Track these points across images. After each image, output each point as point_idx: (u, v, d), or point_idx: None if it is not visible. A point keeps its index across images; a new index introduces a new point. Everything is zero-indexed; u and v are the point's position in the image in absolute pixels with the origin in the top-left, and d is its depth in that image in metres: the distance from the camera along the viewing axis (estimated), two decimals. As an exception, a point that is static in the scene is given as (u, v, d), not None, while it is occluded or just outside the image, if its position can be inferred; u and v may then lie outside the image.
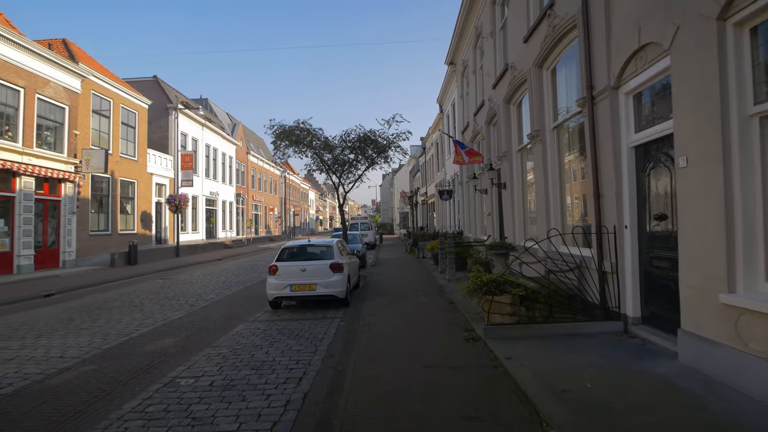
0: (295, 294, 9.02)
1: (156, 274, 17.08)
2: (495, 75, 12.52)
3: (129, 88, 23.30)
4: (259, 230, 47.50)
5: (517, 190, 11.16)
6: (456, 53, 19.05)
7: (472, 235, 16.95)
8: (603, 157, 6.30)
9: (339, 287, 9.09)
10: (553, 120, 8.68)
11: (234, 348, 6.51)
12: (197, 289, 12.66)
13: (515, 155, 11.24)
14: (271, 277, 9.21)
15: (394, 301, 9.58)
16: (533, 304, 6.20)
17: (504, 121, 11.59)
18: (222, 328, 7.90)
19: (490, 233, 13.80)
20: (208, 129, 33.26)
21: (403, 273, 14.93)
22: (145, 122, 24.55)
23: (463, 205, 19.16)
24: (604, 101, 6.22)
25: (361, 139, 15.20)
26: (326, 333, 7.20)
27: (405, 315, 8.07)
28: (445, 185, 23.53)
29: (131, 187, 23.39)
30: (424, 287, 11.32)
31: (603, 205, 6.34)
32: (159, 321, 8.54)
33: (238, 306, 9.99)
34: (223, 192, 36.49)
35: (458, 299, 8.89)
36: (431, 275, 13.50)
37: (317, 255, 9.64)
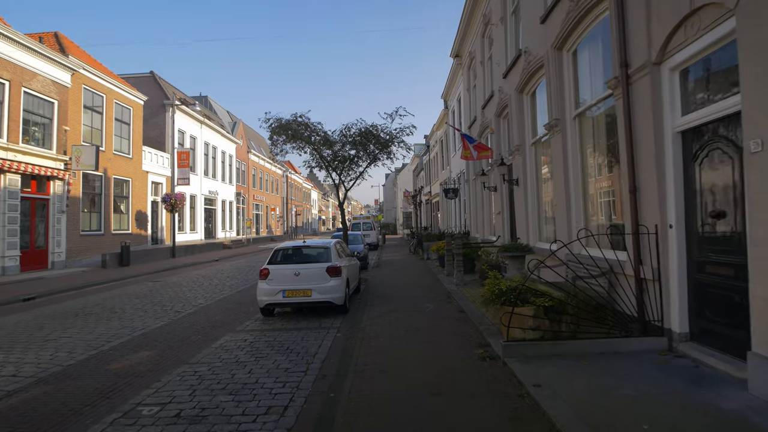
0: (288, 300, 8.17)
1: (148, 276, 16.27)
2: (506, 63, 11.64)
3: (123, 83, 22.53)
4: (260, 230, 46.74)
5: (531, 187, 10.27)
6: (462, 45, 18.17)
7: (480, 236, 16.07)
8: (640, 145, 5.42)
9: (336, 293, 8.23)
10: (575, 107, 7.79)
11: (214, 365, 5.66)
12: (187, 292, 11.83)
13: (529, 149, 10.36)
14: (261, 281, 8.37)
15: (398, 308, 8.71)
16: (559, 316, 5.32)
17: (516, 112, 10.71)
18: (205, 339, 7.06)
19: (500, 233, 12.91)
20: (207, 127, 32.49)
21: (407, 276, 14.06)
22: (140, 119, 23.78)
23: (470, 204, 18.27)
24: (642, 80, 5.33)
25: (362, 134, 14.33)
26: (320, 347, 6.34)
27: (409, 325, 7.20)
28: (450, 183, 22.65)
29: (125, 186, 22.62)
30: (430, 292, 10.44)
31: (641, 202, 5.45)
32: (137, 330, 7.70)
33: (227, 313, 9.15)
34: (222, 191, 35.72)
35: (469, 307, 8.02)
36: (437, 278, 12.62)
37: (313, 257, 8.79)
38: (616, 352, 5.02)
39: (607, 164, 7.00)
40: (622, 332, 5.20)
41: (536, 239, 10.09)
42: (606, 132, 6.96)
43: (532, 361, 4.80)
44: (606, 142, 6.97)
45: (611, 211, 7.00)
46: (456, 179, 21.99)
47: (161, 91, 27.60)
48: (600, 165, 7.28)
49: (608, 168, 6.99)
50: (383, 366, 5.20)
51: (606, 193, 7.17)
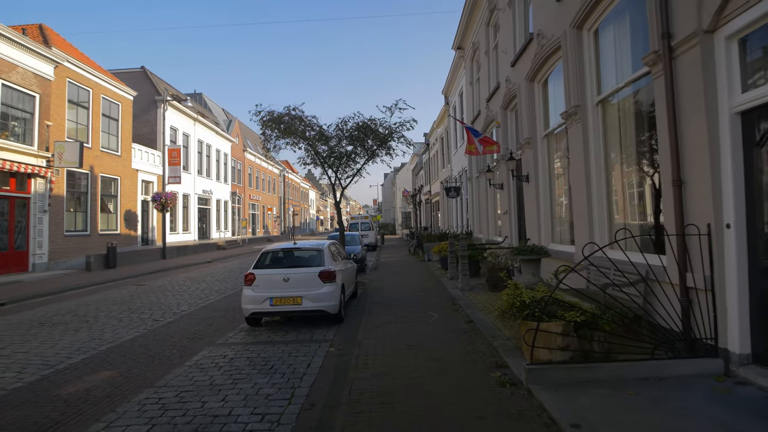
0: (276, 309, 7.31)
1: (133, 279, 15.40)
2: (514, 51, 10.80)
3: (111, 77, 21.63)
4: (257, 230, 45.86)
5: (543, 183, 9.43)
6: (464, 36, 17.33)
7: (484, 236, 15.23)
8: (687, 129, 4.58)
9: (330, 300, 7.38)
10: (597, 93, 6.95)
11: (183, 390, 4.80)
12: (170, 298, 10.96)
13: (540, 142, 9.52)
14: (247, 288, 7.51)
15: (398, 317, 7.85)
16: (591, 332, 4.48)
17: (526, 102, 9.87)
18: (180, 355, 6.20)
19: (507, 234, 12.07)
20: (201, 124, 31.59)
21: (407, 279, 13.20)
22: (129, 114, 22.89)
23: (473, 203, 17.43)
24: (690, 52, 4.49)
25: (359, 128, 13.48)
26: (309, 365, 5.49)
27: (412, 339, 6.34)
28: (451, 182, 21.81)
29: (114, 184, 21.72)
30: (433, 298, 9.59)
31: (687, 196, 4.62)
32: (105, 343, 6.84)
33: (210, 322, 8.29)
34: (217, 190, 34.83)
35: (477, 316, 7.17)
36: (440, 282, 11.77)
37: (304, 261, 7.94)
38: (662, 377, 4.18)
39: (638, 154, 6.17)
40: (669, 353, 4.36)
41: (549, 240, 9.25)
42: (636, 117, 6.13)
43: (563, 390, 3.95)
44: (636, 128, 6.14)
45: (643, 208, 6.15)
46: (458, 177, 21.15)
47: (152, 86, 26.70)
48: (628, 156, 6.44)
49: (640, 158, 6.15)
50: (382, 394, 4.34)
51: (636, 187, 6.33)
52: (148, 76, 27.01)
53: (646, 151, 5.96)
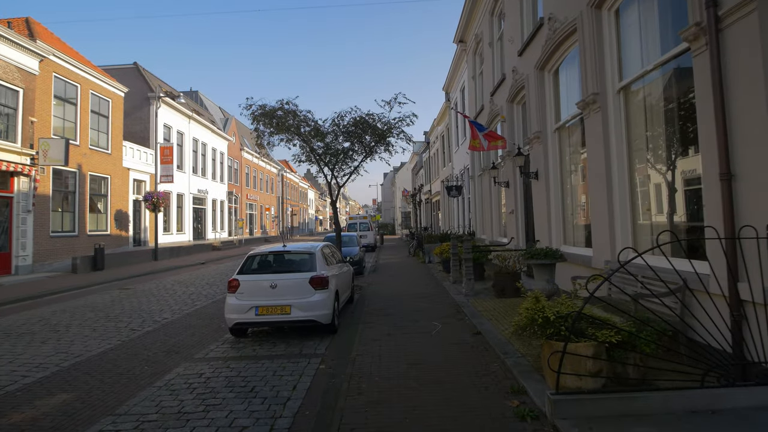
0: (261, 319, 6.60)
1: (120, 282, 14.69)
2: (522, 39, 10.09)
3: (101, 72, 20.91)
4: (254, 231, 45.15)
5: (554, 180, 8.73)
6: (467, 28, 16.62)
7: (488, 237, 14.53)
8: (739, 113, 3.87)
9: (322, 309, 6.67)
10: (619, 79, 6.25)
11: (145, 420, 4.09)
12: (154, 304, 10.25)
13: (551, 136, 8.81)
14: (230, 295, 6.80)
15: (397, 326, 7.14)
16: (624, 353, 3.78)
17: (536, 94, 9.17)
18: (152, 372, 5.50)
19: (513, 235, 11.37)
20: (196, 122, 30.87)
21: (407, 283, 12.48)
22: (120, 111, 22.17)
23: (476, 202, 16.72)
24: (744, 21, 3.78)
25: (357, 124, 12.74)
26: (296, 387, 4.78)
27: (413, 355, 5.63)
28: (452, 180, 21.11)
29: (104, 183, 21.00)
30: (436, 304, 8.88)
31: (738, 192, 3.91)
32: (71, 358, 6.13)
33: (192, 331, 7.59)
34: (213, 190, 34.11)
35: (486, 327, 6.46)
36: (442, 287, 11.06)
37: (294, 265, 7.23)
38: (715, 409, 3.47)
39: (668, 146, 5.46)
40: (721, 379, 3.65)
41: (560, 242, 8.55)
42: (666, 104, 5.42)
43: (598, 425, 3.25)
44: (666, 116, 5.43)
45: (675, 207, 5.45)
46: (459, 176, 20.45)
47: (145, 83, 25.96)
48: (656, 147, 5.73)
49: (670, 150, 5.44)
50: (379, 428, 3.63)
51: (666, 183, 5.63)
52: (140, 73, 26.28)
53: (679, 142, 5.26)
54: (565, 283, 7.13)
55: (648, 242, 5.81)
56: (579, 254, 7.31)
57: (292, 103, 12.25)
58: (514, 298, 8.58)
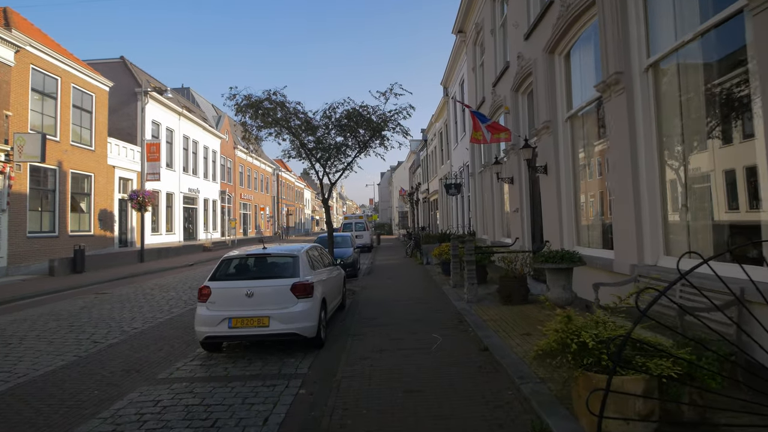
0: (236, 333, 5.74)
1: (98, 285, 13.78)
2: (529, 21, 9.27)
3: (84, 65, 19.97)
4: (248, 231, 44.22)
5: (566, 175, 7.90)
6: (467, 16, 15.78)
7: (489, 237, 13.70)
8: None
9: (305, 321, 5.82)
10: (647, 55, 5.43)
11: (71, 470, 3.23)
12: (127, 311, 9.37)
13: (562, 126, 7.99)
14: (200, 305, 5.94)
15: (392, 340, 6.28)
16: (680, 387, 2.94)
17: (544, 80, 8.34)
18: (100, 399, 4.64)
19: (518, 235, 10.55)
20: (187, 119, 29.95)
21: (404, 286, 11.63)
22: (104, 107, 21.23)
23: (476, 201, 15.90)
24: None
25: (350, 116, 11.88)
26: (267, 421, 3.93)
27: (410, 377, 4.78)
28: (451, 178, 20.28)
29: (87, 182, 20.07)
30: (435, 312, 8.03)
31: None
32: (12, 379, 5.29)
33: (161, 344, 6.73)
34: (205, 189, 33.19)
35: (494, 342, 5.62)
36: (441, 291, 10.21)
37: (274, 270, 6.36)
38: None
39: (710, 130, 4.63)
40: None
41: (573, 243, 7.73)
42: (706, 81, 4.59)
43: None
44: (706, 96, 4.60)
45: (721, 201, 4.62)
46: (458, 173, 19.63)
47: (133, 78, 25.02)
48: (694, 132, 4.90)
49: (715, 135, 4.61)
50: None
51: (704, 175, 4.80)
52: (127, 67, 25.34)
53: (724, 126, 4.43)
54: (582, 291, 6.31)
55: (683, 243, 4.99)
56: (597, 257, 6.48)
57: (280, 94, 11.39)
58: (522, 305, 7.75)
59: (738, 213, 4.37)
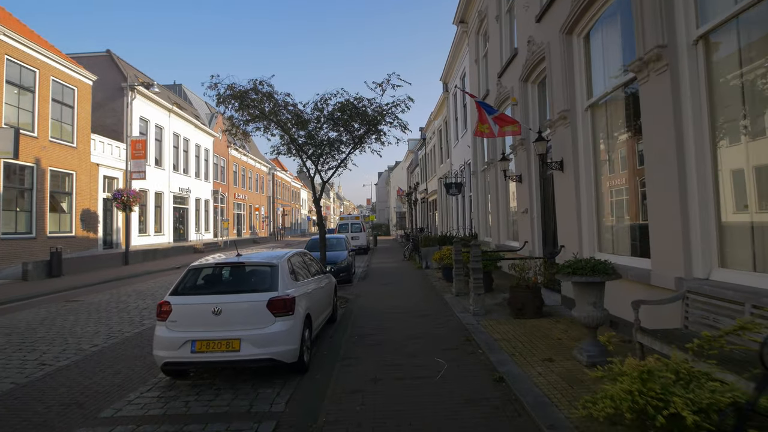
0: (200, 358, 4.77)
1: (72, 291, 12.80)
2: (542, 0, 8.33)
3: (64, 58, 18.96)
4: (242, 231, 43.20)
5: (585, 171, 6.97)
6: (469, 5, 14.84)
7: (493, 240, 12.76)
8: None
9: (284, 343, 4.86)
10: (696, 25, 4.49)
11: None
12: (93, 323, 8.40)
13: (581, 116, 7.05)
14: (159, 324, 4.98)
15: (387, 366, 5.32)
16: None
17: (561, 65, 7.41)
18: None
19: (527, 238, 9.61)
20: (177, 116, 28.92)
21: (402, 295, 10.66)
22: (87, 101, 20.22)
23: (479, 201, 14.96)
24: None
25: (344, 108, 10.92)
26: (221, 491, 2.97)
27: (411, 419, 3.83)
28: (451, 177, 19.35)
29: (68, 180, 19.06)
30: (438, 327, 7.07)
31: None
32: None
33: (119, 367, 5.76)
34: (196, 188, 32.18)
35: (509, 369, 4.68)
36: (443, 300, 9.26)
37: (248, 283, 5.40)
38: None
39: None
40: None
41: (593, 248, 6.79)
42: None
43: None
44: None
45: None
46: (459, 172, 18.69)
47: (119, 72, 24.00)
48: (760, 114, 3.97)
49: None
50: None
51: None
52: (114, 61, 24.31)
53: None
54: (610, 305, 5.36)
55: (746, 250, 4.07)
56: (627, 266, 5.54)
57: (267, 83, 10.39)
58: (536, 320, 6.82)
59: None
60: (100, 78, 22.07)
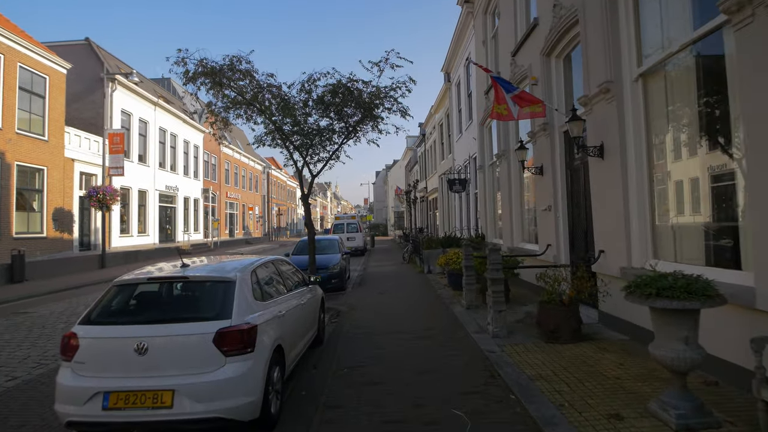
0: (114, 418, 3.29)
1: (29, 300, 11.31)
2: (572, -47, 6.88)
3: (35, 43, 17.43)
4: (235, 231, 41.65)
5: (636, 157, 5.53)
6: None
7: (505, 242, 11.31)
8: None
9: (240, 395, 3.39)
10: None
11: None
12: (28, 345, 6.92)
13: (630, 88, 5.61)
14: (64, 366, 3.52)
15: (386, 422, 3.85)
16: None
17: (601, 26, 5.97)
18: None
19: (550, 241, 8.17)
20: (163, 110, 27.38)
21: (403, 307, 9.16)
22: (61, 91, 18.69)
23: (486, 198, 13.51)
24: None
25: (335, 91, 9.46)
26: None
27: None
28: (454, 173, 17.90)
29: (38, 176, 17.53)
30: (450, 356, 5.59)
31: None
32: None
33: (27, 414, 4.32)
34: (185, 187, 30.65)
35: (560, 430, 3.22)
36: (452, 315, 7.79)
37: (189, 307, 3.94)
38: None
39: None
40: None
41: (647, 254, 5.37)
42: None
43: None
44: None
45: None
46: (462, 167, 17.25)
47: (99, 62, 22.45)
48: None
49: None
50: None
51: None
52: (93, 50, 22.75)
53: None
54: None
55: None
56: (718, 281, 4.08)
57: (245, 60, 8.90)
58: (575, 344, 5.38)
59: None
60: (78, 68, 20.58)
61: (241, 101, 9.66)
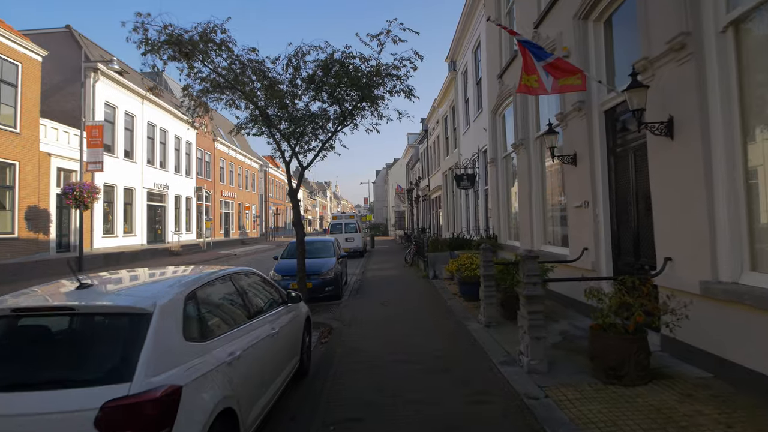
0: None
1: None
2: None
3: (5, 27, 16.00)
4: (231, 231, 40.22)
5: (725, 135, 4.11)
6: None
7: (522, 245, 9.87)
8: None
9: None
10: None
11: None
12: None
13: (715, 44, 4.19)
14: None
15: None
16: None
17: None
18: None
19: (587, 245, 6.74)
20: (152, 103, 25.95)
21: (407, 325, 7.66)
22: (35, 80, 17.28)
23: (498, 195, 12.07)
24: None
25: (327, 67, 8.05)
26: None
27: None
28: (460, 169, 16.48)
29: (9, 171, 16.12)
30: (476, 402, 4.16)
31: None
32: None
33: None
34: (176, 185, 29.22)
35: None
36: (470, 337, 6.35)
37: (68, 358, 2.48)
38: None
39: None
40: None
41: (741, 265, 3.95)
42: None
43: None
44: None
45: None
46: (470, 162, 15.82)
47: (80, 50, 21.00)
48: None
49: None
50: None
51: None
52: (74, 38, 21.30)
53: None
54: None
55: None
56: None
57: (221, 29, 7.45)
58: (647, 388, 3.96)
59: None
60: (59, 57, 19.23)
61: (223, 84, 8.28)
